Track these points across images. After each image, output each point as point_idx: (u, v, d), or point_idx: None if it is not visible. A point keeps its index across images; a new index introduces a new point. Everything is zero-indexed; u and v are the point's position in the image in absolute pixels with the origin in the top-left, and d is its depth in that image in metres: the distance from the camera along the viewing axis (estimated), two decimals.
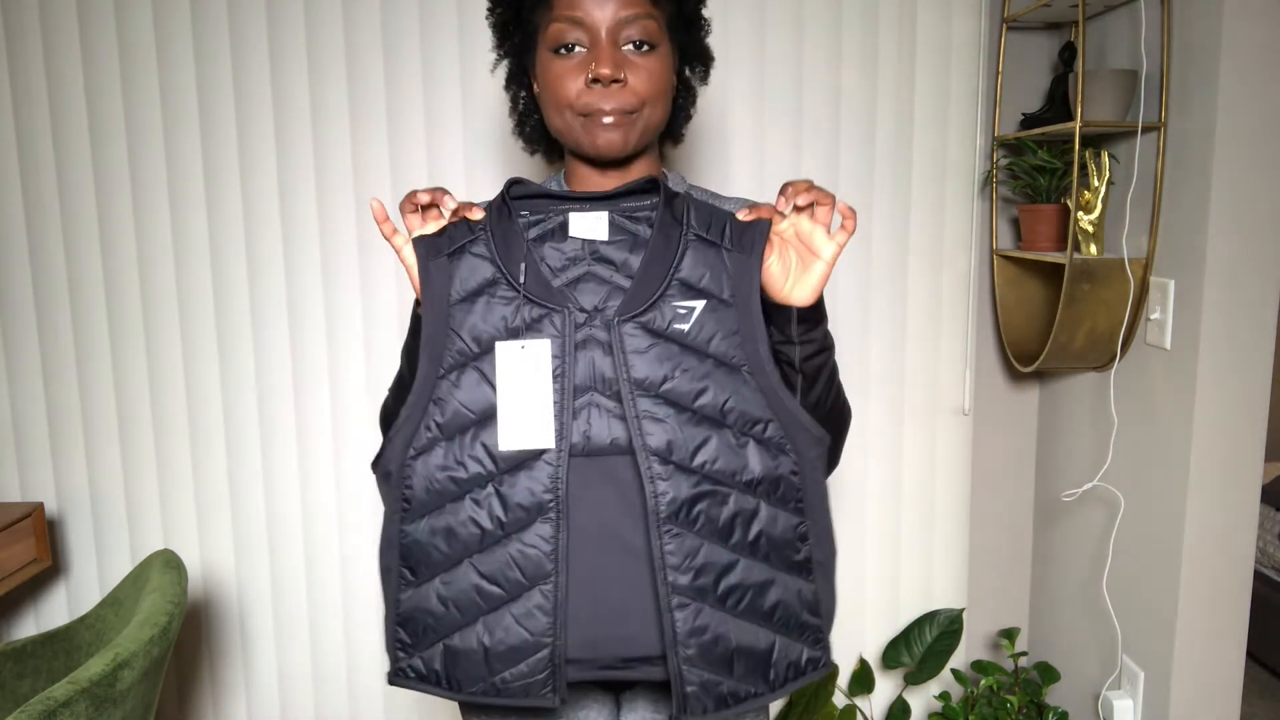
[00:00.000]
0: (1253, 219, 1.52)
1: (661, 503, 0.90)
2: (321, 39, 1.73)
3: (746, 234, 0.93)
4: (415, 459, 0.93)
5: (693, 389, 0.91)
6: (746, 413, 0.92)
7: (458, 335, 0.91)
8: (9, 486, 1.87)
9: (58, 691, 1.17)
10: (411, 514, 0.94)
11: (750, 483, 0.93)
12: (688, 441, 0.91)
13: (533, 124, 1.12)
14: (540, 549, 0.91)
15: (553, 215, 0.94)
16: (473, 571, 0.92)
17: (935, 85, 1.83)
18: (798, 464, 0.95)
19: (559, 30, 0.98)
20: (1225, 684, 1.68)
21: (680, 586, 0.90)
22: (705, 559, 0.91)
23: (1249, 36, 1.47)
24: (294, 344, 1.82)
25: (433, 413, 0.92)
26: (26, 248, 1.79)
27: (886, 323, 1.90)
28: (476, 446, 0.91)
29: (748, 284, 0.92)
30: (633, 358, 0.90)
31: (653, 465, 0.90)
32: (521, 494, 0.91)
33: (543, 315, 0.91)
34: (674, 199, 0.94)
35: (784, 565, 0.95)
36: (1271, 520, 2.74)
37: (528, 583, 0.92)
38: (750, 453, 0.93)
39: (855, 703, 1.93)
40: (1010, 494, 2.07)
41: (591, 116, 0.99)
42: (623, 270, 0.93)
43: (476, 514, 0.92)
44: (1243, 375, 1.57)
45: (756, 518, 0.93)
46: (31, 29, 1.73)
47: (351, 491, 1.87)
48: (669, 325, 0.91)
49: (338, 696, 1.94)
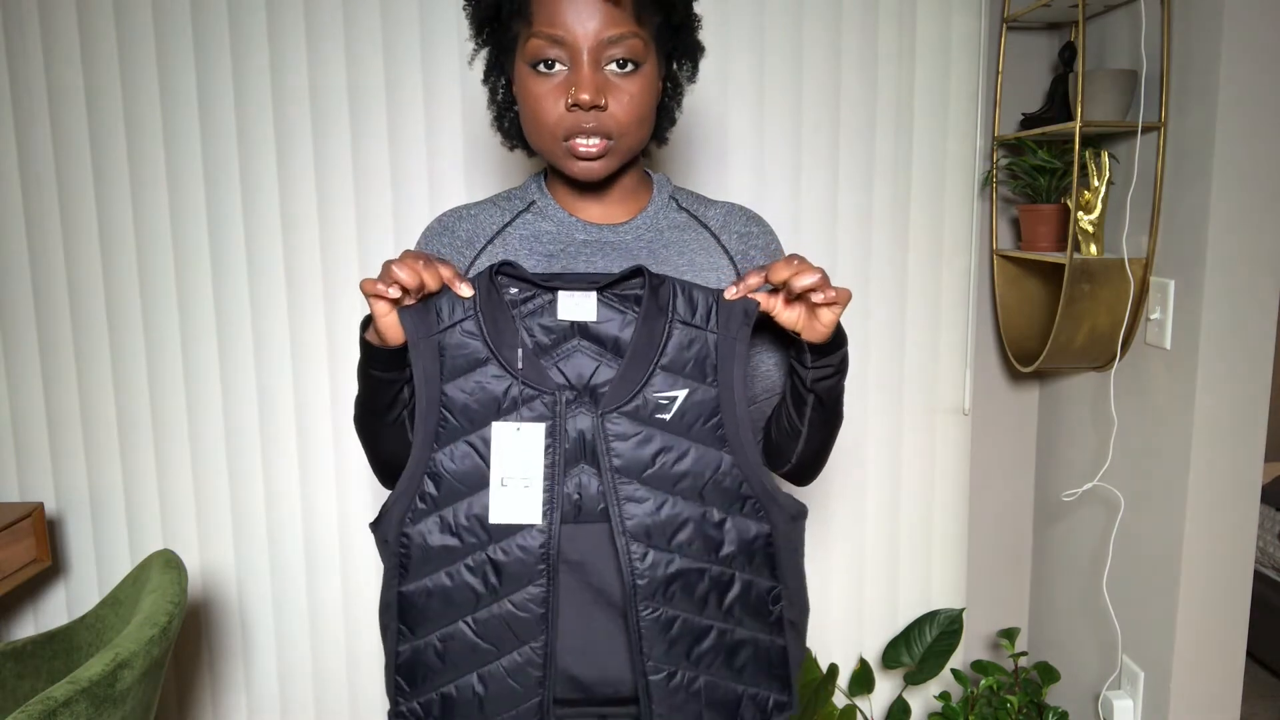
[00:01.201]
0: (1253, 219, 1.52)
1: (639, 584, 0.94)
2: (322, 40, 1.73)
3: (732, 315, 0.96)
4: (410, 528, 0.96)
5: (674, 472, 0.95)
6: (726, 492, 0.96)
7: (450, 413, 0.94)
8: (9, 486, 1.87)
9: (58, 691, 1.17)
10: (408, 577, 0.98)
11: (726, 557, 0.97)
12: (667, 524, 0.94)
13: (511, 118, 1.09)
14: (532, 611, 0.95)
15: (540, 295, 0.96)
16: (467, 630, 0.97)
17: (935, 85, 1.83)
18: (772, 534, 0.99)
19: (538, 47, 0.94)
20: (1225, 684, 1.68)
21: (656, 655, 0.95)
22: (680, 630, 0.96)
23: (1249, 36, 1.47)
24: (294, 344, 1.82)
25: (427, 484, 0.95)
26: (26, 248, 1.79)
27: (886, 322, 1.90)
28: (470, 517, 0.95)
29: (731, 364, 0.96)
30: (616, 444, 0.94)
31: (631, 547, 0.93)
32: (513, 560, 0.95)
33: (534, 396, 0.94)
34: (659, 287, 0.96)
35: (756, 626, 1.00)
36: (1271, 520, 2.74)
37: (519, 641, 0.96)
38: (727, 529, 0.97)
39: (855, 703, 1.93)
40: (1010, 494, 2.07)
41: (570, 142, 0.96)
42: (611, 347, 0.96)
43: (470, 579, 0.96)
44: (1243, 375, 1.57)
45: (731, 588, 0.98)
46: (31, 29, 1.73)
47: (352, 491, 1.87)
48: (651, 414, 0.94)
49: (338, 696, 1.94)
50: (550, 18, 0.92)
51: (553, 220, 1.07)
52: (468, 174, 1.78)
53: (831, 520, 1.95)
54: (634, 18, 0.94)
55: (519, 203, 1.09)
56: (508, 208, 1.09)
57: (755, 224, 1.12)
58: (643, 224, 1.07)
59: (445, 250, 1.07)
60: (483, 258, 1.06)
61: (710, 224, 1.09)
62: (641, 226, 1.07)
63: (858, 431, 1.92)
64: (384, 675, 1.02)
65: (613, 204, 1.08)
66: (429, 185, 1.78)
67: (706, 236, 1.08)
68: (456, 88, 1.75)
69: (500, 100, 1.09)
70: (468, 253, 1.07)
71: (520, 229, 1.07)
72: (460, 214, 1.10)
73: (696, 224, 1.09)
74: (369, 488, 1.87)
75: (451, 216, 1.10)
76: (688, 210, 1.10)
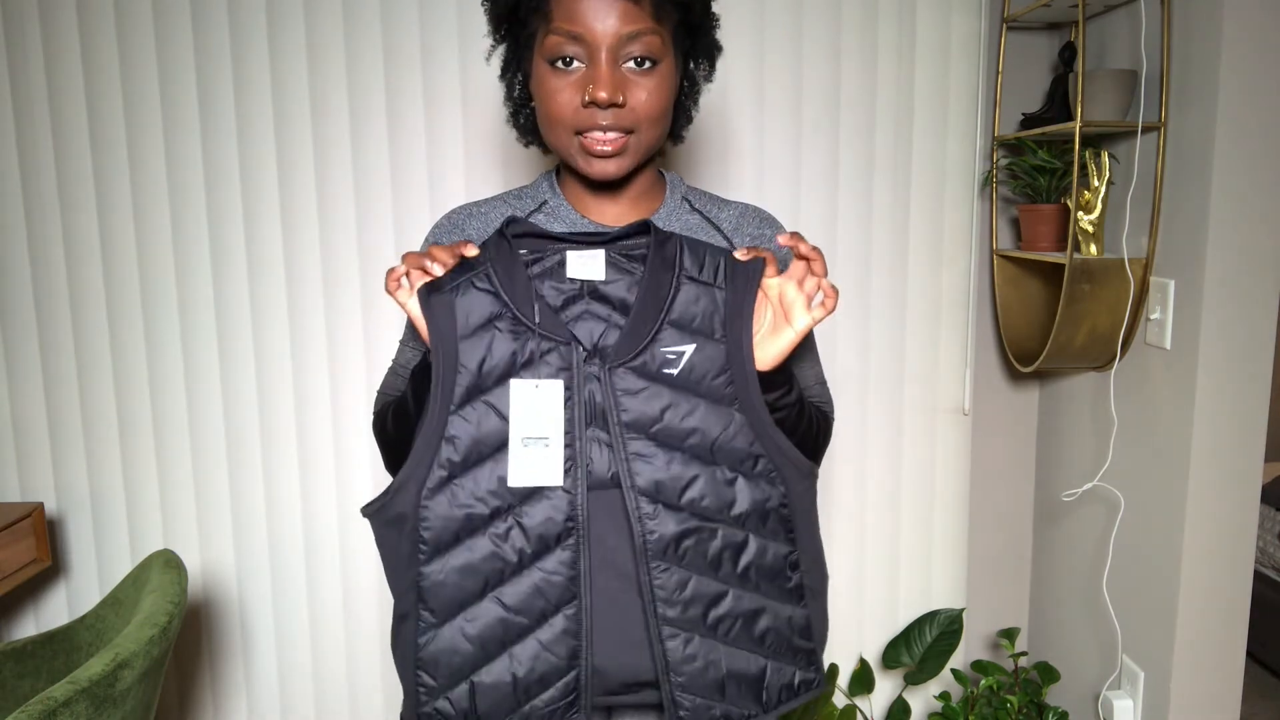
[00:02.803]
0: (1253, 219, 1.52)
1: (649, 540, 0.91)
2: (322, 40, 1.73)
3: (740, 272, 0.94)
4: (430, 499, 0.92)
5: (682, 429, 0.92)
6: (736, 450, 0.94)
7: (466, 370, 0.91)
8: (9, 486, 1.87)
9: (58, 691, 1.17)
10: (430, 555, 0.93)
11: (738, 516, 0.94)
12: (675, 480, 0.92)
13: (527, 114, 1.08)
14: (563, 574, 0.92)
15: (550, 254, 0.95)
16: (497, 605, 0.93)
17: (935, 85, 1.83)
18: (786, 495, 0.96)
19: (556, 43, 0.93)
20: (1225, 684, 1.68)
21: (670, 618, 0.92)
22: (694, 591, 0.93)
23: (1249, 36, 1.47)
24: (294, 344, 1.82)
25: (445, 450, 0.91)
26: (26, 248, 1.79)
27: (886, 322, 1.90)
28: (494, 480, 0.92)
29: (740, 322, 0.94)
30: (624, 399, 0.92)
31: (641, 504, 0.91)
32: (542, 523, 0.91)
33: (550, 349, 0.92)
34: (666, 242, 0.95)
35: (775, 593, 0.97)
36: (1271, 520, 2.74)
37: (552, 608, 0.92)
38: (739, 488, 0.94)
39: (855, 703, 1.93)
40: (1010, 494, 2.07)
41: (586, 138, 0.96)
42: (619, 309, 0.95)
43: (498, 547, 0.92)
44: (1243, 375, 1.57)
45: (745, 550, 0.95)
46: (31, 29, 1.73)
47: (352, 491, 1.87)
48: (659, 369, 0.92)
49: (338, 696, 1.94)
50: (569, 14, 0.92)
51: (564, 222, 1.06)
52: (468, 174, 1.78)
53: (832, 520, 1.95)
54: (653, 15, 0.94)
55: (530, 202, 1.08)
56: (519, 206, 1.08)
57: (768, 226, 1.11)
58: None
59: None
60: None
61: (723, 226, 1.09)
62: None
63: (858, 431, 1.92)
64: (399, 673, 0.98)
65: (625, 205, 1.07)
66: (429, 185, 1.78)
67: (719, 239, 1.08)
68: (456, 88, 1.75)
69: (516, 96, 1.08)
70: None
71: None
72: (470, 211, 1.09)
73: (709, 226, 1.08)
74: (369, 487, 1.87)
75: (461, 214, 1.09)
76: (700, 212, 1.09)
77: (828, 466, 1.92)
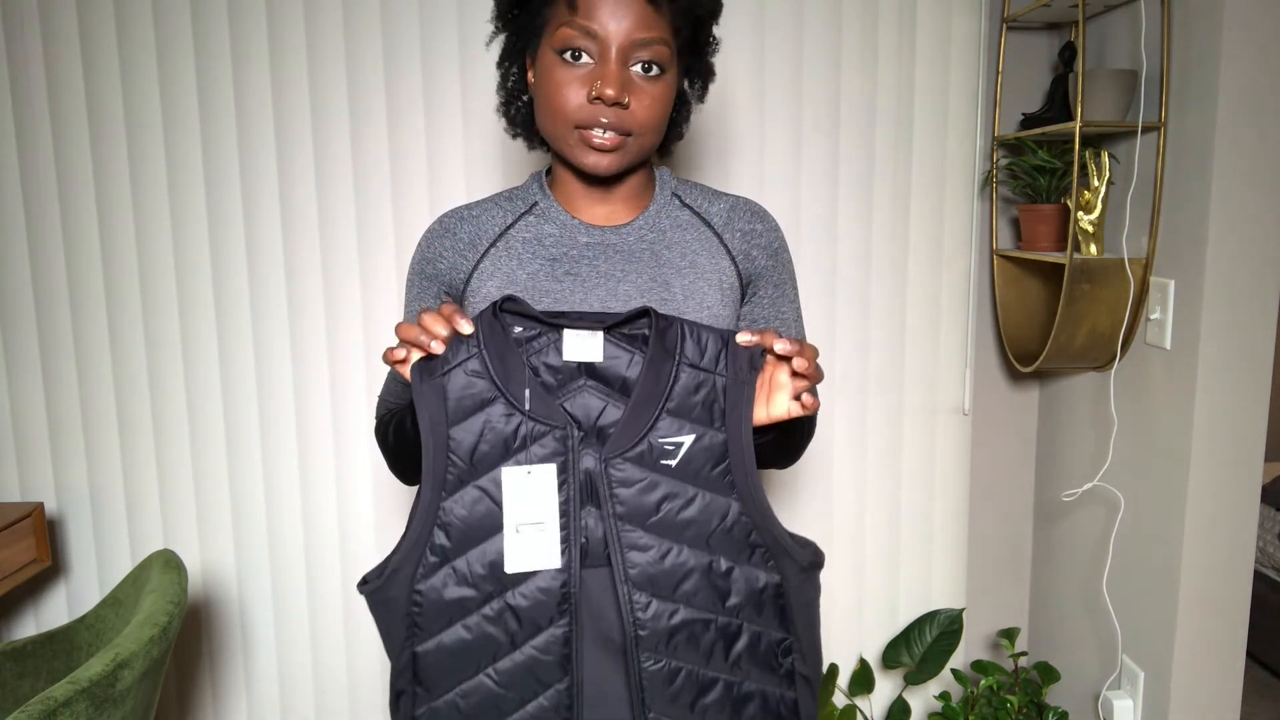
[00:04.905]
0: (1253, 219, 1.52)
1: (641, 633, 0.91)
2: (322, 40, 1.73)
3: (742, 358, 0.92)
4: (423, 584, 0.92)
5: (679, 521, 0.91)
6: (734, 541, 0.93)
7: (457, 457, 0.91)
8: (9, 486, 1.87)
9: (58, 691, 1.17)
10: (423, 635, 0.93)
11: (733, 607, 0.94)
12: (671, 573, 0.91)
13: (519, 106, 1.08)
14: (554, 653, 0.92)
15: (545, 333, 0.93)
16: (489, 681, 0.93)
17: (935, 85, 1.83)
18: (782, 584, 0.95)
19: (569, 35, 0.94)
20: (1225, 684, 1.68)
21: (658, 707, 0.93)
22: (684, 683, 0.93)
23: (1249, 36, 1.47)
24: (294, 344, 1.82)
25: (437, 535, 0.92)
26: (26, 248, 1.79)
27: (886, 322, 1.90)
28: (485, 564, 0.92)
29: (739, 411, 0.92)
30: (619, 491, 0.91)
31: (634, 596, 0.91)
32: (533, 604, 0.92)
33: (544, 433, 0.91)
34: (667, 330, 0.93)
35: (766, 679, 0.97)
36: (1271, 520, 2.74)
37: (542, 686, 0.93)
38: (734, 578, 0.93)
39: (855, 703, 1.93)
40: (1010, 494, 2.07)
41: (586, 132, 0.96)
42: (618, 388, 0.93)
43: (490, 629, 0.92)
44: (1243, 375, 1.57)
45: (739, 639, 0.95)
46: (31, 29, 1.73)
47: (352, 491, 1.87)
48: (657, 460, 0.91)
49: (338, 696, 1.94)
50: (589, 10, 0.93)
51: (555, 223, 1.06)
52: (468, 174, 1.78)
53: (832, 520, 1.95)
54: (668, 25, 0.95)
55: (520, 204, 1.09)
56: (509, 209, 1.08)
57: (759, 220, 1.11)
58: (645, 224, 1.06)
59: (447, 252, 1.07)
60: (485, 261, 1.05)
61: (713, 221, 1.09)
62: (644, 227, 1.06)
63: (858, 432, 1.92)
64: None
65: (616, 204, 1.07)
66: (429, 185, 1.78)
67: (709, 235, 1.08)
68: (456, 88, 1.75)
69: (511, 87, 1.08)
70: (470, 255, 1.06)
71: (523, 231, 1.06)
72: (461, 215, 1.09)
73: (700, 222, 1.08)
74: (369, 487, 1.87)
75: (452, 218, 1.09)
76: (691, 207, 1.09)
77: (828, 467, 1.92)
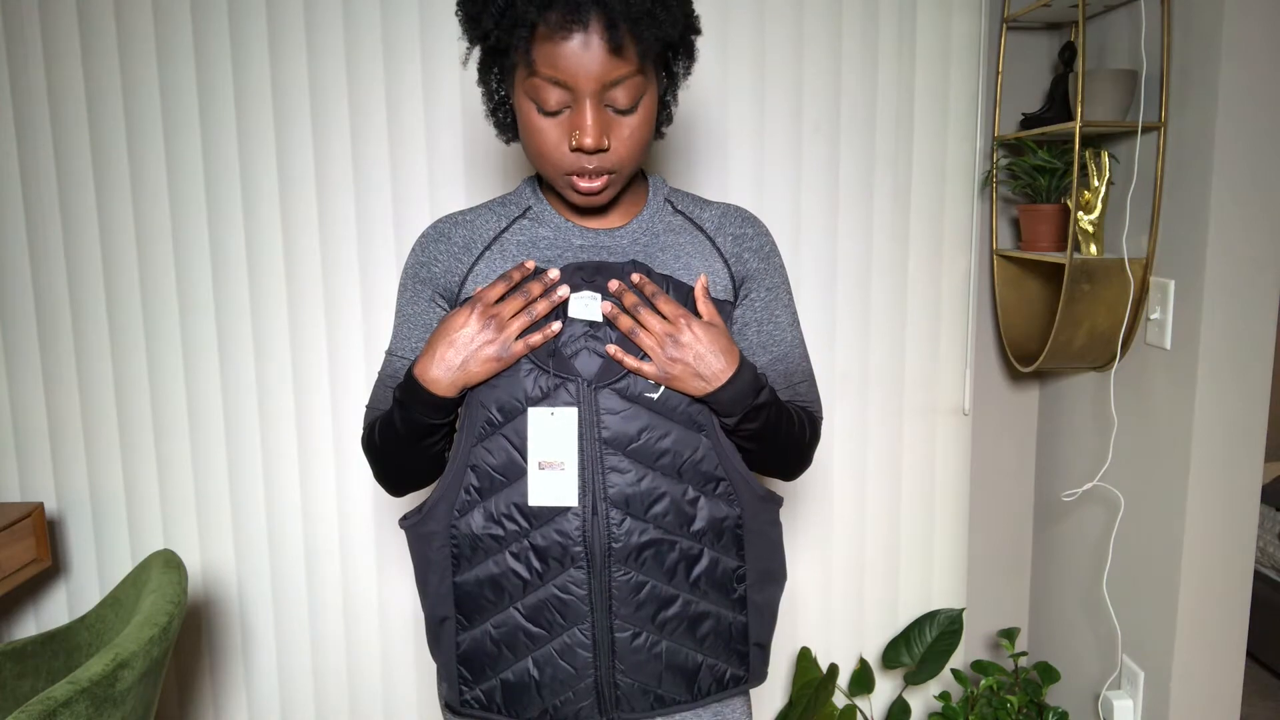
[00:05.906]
0: (1253, 219, 1.52)
1: (614, 545, 1.01)
2: (322, 41, 1.73)
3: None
4: (459, 519, 1.04)
5: (656, 449, 1.01)
6: (702, 472, 1.04)
7: (485, 408, 1.01)
8: (9, 486, 1.87)
9: (58, 691, 1.17)
10: (461, 568, 1.05)
11: (696, 532, 1.04)
12: (645, 496, 1.01)
13: (506, 112, 1.07)
14: (575, 594, 1.02)
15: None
16: (518, 615, 1.04)
17: (935, 85, 1.83)
18: (741, 517, 1.06)
19: (538, 86, 0.92)
20: (1225, 684, 1.68)
21: (624, 615, 1.03)
22: (648, 595, 1.03)
23: (1249, 36, 1.47)
24: (294, 344, 1.82)
25: (470, 477, 1.03)
26: (27, 248, 1.79)
27: (886, 322, 1.90)
28: (509, 505, 1.02)
29: None
30: (606, 418, 1.00)
31: (610, 513, 1.01)
32: (553, 545, 1.01)
33: (558, 385, 1.00)
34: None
35: (720, 601, 1.07)
36: (1271, 520, 2.74)
37: (567, 624, 1.03)
38: (700, 506, 1.04)
39: (855, 703, 1.93)
40: (1010, 494, 2.07)
41: (572, 178, 0.98)
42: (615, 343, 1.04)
43: (515, 565, 1.03)
44: (1243, 375, 1.57)
45: (699, 562, 1.05)
46: (31, 29, 1.73)
47: (352, 492, 1.87)
48: (639, 394, 1.01)
49: (338, 696, 1.94)
50: (551, 61, 0.91)
51: (549, 226, 1.07)
52: (468, 174, 1.78)
53: (832, 520, 1.95)
54: (635, 55, 0.92)
55: (514, 208, 1.10)
56: (503, 213, 1.10)
57: (750, 225, 1.12)
58: (638, 228, 1.07)
59: (442, 256, 1.08)
60: (480, 264, 1.06)
61: (705, 226, 1.10)
62: (637, 230, 1.07)
63: (858, 431, 1.92)
64: (442, 667, 1.10)
65: (610, 209, 1.08)
66: (429, 185, 1.78)
67: (701, 239, 1.09)
68: (456, 88, 1.75)
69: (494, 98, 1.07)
70: (465, 259, 1.07)
71: (517, 234, 1.08)
72: (456, 220, 1.10)
73: (692, 227, 1.10)
74: (369, 488, 1.87)
75: (447, 223, 1.10)
76: (683, 213, 1.11)
77: (828, 467, 1.92)
